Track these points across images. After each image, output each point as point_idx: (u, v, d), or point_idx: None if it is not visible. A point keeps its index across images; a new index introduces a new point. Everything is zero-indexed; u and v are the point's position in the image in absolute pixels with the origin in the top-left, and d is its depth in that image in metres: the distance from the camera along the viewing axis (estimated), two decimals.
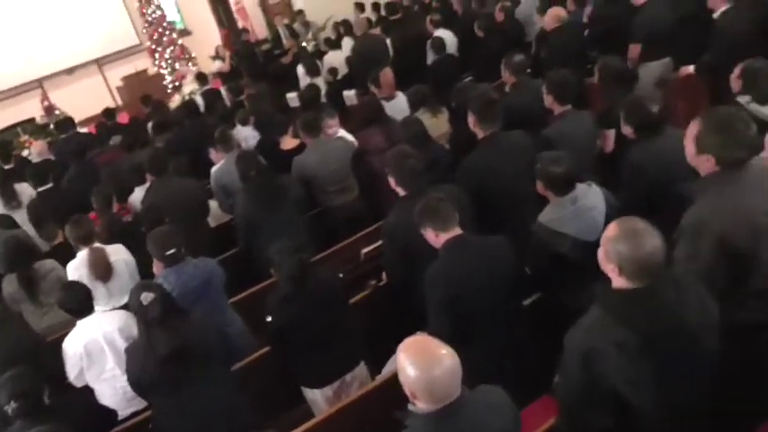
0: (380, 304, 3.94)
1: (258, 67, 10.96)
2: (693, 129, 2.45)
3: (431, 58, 7.57)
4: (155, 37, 13.33)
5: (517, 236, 3.28)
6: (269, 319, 3.36)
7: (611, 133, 4.25)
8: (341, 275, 3.63)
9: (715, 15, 5.25)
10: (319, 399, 3.52)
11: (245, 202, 4.62)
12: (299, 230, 4.63)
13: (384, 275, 4.02)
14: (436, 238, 3.02)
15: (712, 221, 2.37)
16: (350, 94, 8.30)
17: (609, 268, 2.15)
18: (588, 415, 2.25)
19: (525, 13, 8.08)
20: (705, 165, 2.44)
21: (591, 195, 3.16)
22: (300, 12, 12.39)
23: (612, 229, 2.15)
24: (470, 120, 3.95)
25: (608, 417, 2.21)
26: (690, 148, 2.48)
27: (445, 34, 7.91)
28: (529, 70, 6.47)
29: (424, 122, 5.21)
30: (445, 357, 1.94)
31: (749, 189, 2.39)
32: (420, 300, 3.11)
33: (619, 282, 2.15)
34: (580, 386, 2.21)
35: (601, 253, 2.18)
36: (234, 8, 13.42)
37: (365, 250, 4.55)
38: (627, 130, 3.58)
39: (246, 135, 6.36)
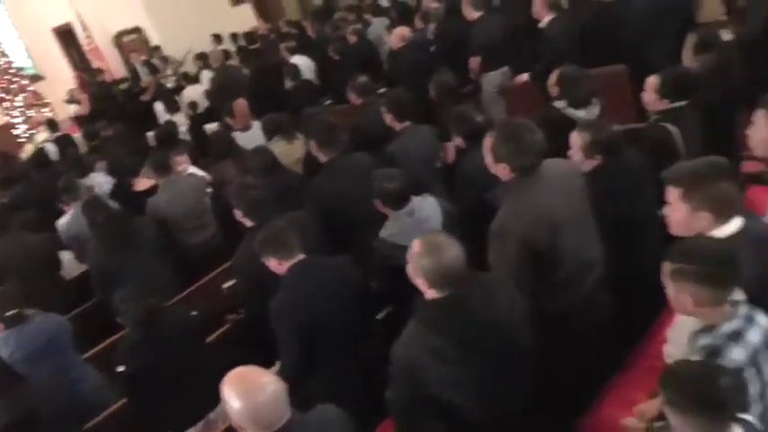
0: (242, 336, 3.90)
1: (117, 107, 10.63)
2: (488, 140, 2.62)
3: (288, 85, 7.65)
4: (3, 85, 12.59)
5: (365, 255, 3.37)
6: (120, 368, 3.26)
7: (452, 145, 4.46)
8: (194, 313, 3.56)
9: (541, 25, 5.64)
10: None
11: (96, 250, 4.46)
12: (159, 273, 4.53)
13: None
14: (280, 266, 3.04)
15: (513, 225, 2.53)
16: (212, 128, 8.20)
17: (419, 282, 2.26)
18: (419, 424, 2.34)
19: (376, 34, 8.34)
20: (503, 172, 2.62)
21: (426, 206, 3.29)
22: (157, 47, 12.12)
23: (415, 245, 2.26)
24: (312, 145, 4.02)
25: (438, 423, 2.30)
26: (488, 158, 2.65)
27: (301, 60, 8.02)
28: (384, 89, 6.74)
29: (280, 150, 5.26)
30: (268, 384, 1.95)
31: (544, 190, 2.57)
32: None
33: (430, 293, 2.26)
34: (407, 397, 2.30)
35: (410, 269, 2.28)
36: (86, 48, 12.91)
37: (226, 285, 4.48)
38: (457, 140, 3.77)
39: (100, 181, 6.12)
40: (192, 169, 5.23)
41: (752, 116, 2.58)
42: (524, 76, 5.95)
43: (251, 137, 5.94)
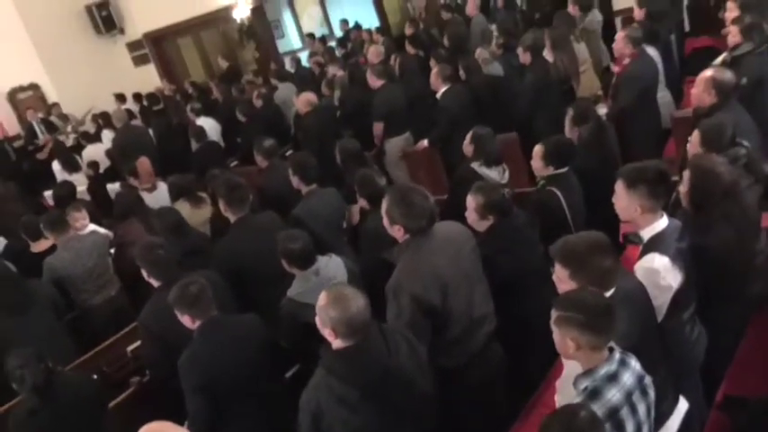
0: (148, 400, 3.82)
1: (11, 165, 10.23)
2: (383, 204, 2.85)
3: (194, 146, 7.68)
4: None
5: (273, 312, 3.45)
6: None
7: (357, 207, 4.64)
8: (95, 376, 3.48)
9: (438, 95, 6.03)
10: None
11: None
12: (56, 336, 4.39)
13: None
14: (192, 323, 3.07)
15: (406, 284, 2.73)
16: (114, 188, 8.05)
17: (326, 332, 2.40)
18: None
19: (283, 98, 8.54)
20: (398, 234, 2.84)
21: (332, 266, 3.43)
22: (55, 104, 11.80)
23: (323, 297, 2.40)
24: (221, 205, 4.10)
25: None
26: (384, 220, 2.87)
27: (206, 122, 8.11)
28: (291, 151, 6.92)
29: (185, 212, 5.26)
30: None
31: (434, 251, 2.80)
32: None
33: (336, 343, 2.40)
34: None
35: (317, 320, 2.41)
36: None
37: (131, 348, 4.39)
38: (362, 202, 3.96)
39: None
40: (93, 227, 5.14)
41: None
42: (424, 142, 6.31)
43: (158, 197, 5.93)
